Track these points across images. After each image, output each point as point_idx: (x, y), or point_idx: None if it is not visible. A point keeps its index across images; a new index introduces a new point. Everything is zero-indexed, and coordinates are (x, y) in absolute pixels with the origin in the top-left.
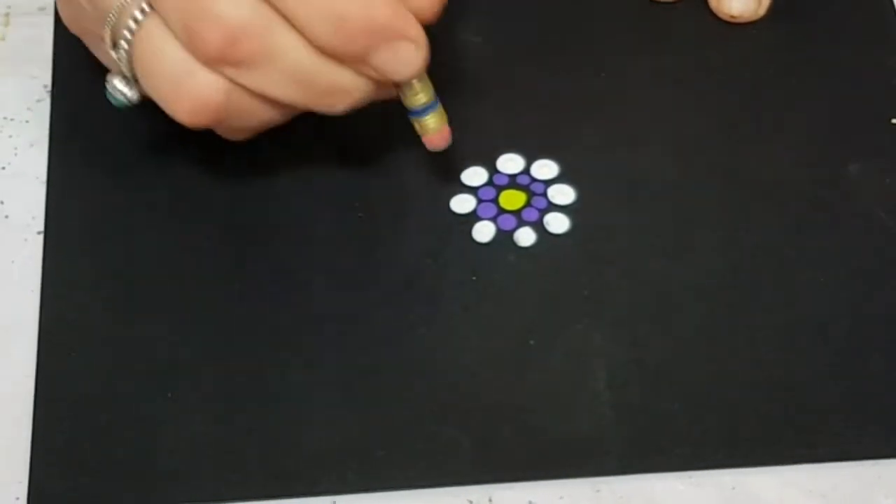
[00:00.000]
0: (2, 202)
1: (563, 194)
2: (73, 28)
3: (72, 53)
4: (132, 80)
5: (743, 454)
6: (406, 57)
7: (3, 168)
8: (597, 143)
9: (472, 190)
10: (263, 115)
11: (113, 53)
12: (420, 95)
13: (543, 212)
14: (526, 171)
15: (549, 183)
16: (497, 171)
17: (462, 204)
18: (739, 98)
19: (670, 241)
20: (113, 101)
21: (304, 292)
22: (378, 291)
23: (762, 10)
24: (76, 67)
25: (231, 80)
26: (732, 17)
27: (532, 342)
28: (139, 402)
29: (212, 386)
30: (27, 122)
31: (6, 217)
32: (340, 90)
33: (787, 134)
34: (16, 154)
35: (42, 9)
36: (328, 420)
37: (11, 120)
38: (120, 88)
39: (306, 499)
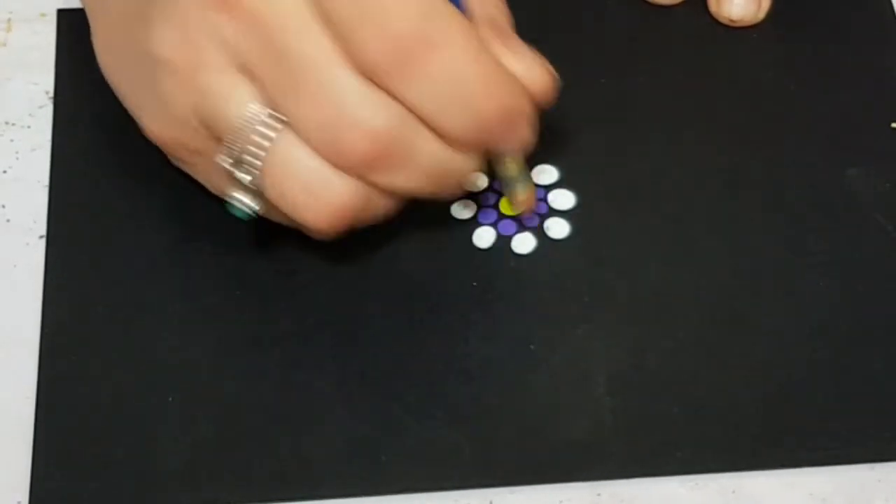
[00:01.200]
0: (3, 206)
1: (564, 199)
2: (166, 139)
3: (73, 59)
4: (256, 193)
5: (743, 458)
6: (524, 135)
7: (5, 172)
8: (597, 147)
9: (473, 195)
10: (389, 209)
11: (231, 169)
12: (513, 167)
13: (544, 217)
14: None
15: (549, 188)
16: None
17: (462, 209)
18: (739, 102)
19: (670, 245)
20: (238, 214)
21: (305, 296)
22: (378, 296)
23: (762, 14)
24: (78, 73)
25: (368, 183)
26: (732, 20)
27: (532, 347)
28: (140, 407)
29: (213, 390)
30: (29, 127)
31: (8, 221)
32: (464, 174)
33: (787, 138)
34: (17, 158)
35: (44, 15)
36: (329, 424)
37: (13, 125)
38: (245, 202)
39: (307, 502)
